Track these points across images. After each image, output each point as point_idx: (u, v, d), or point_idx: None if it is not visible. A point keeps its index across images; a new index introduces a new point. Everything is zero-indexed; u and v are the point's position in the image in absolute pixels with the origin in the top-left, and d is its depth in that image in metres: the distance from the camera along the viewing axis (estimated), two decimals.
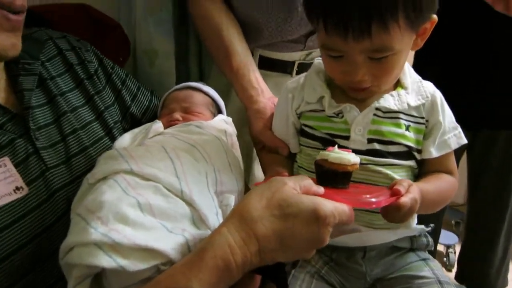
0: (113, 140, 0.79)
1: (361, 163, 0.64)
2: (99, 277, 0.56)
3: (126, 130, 0.83)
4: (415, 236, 0.77)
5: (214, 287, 0.49)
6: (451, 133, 0.74)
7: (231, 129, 0.83)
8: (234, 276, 0.51)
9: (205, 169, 0.68)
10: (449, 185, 0.74)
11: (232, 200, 0.69)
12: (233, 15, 0.97)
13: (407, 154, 0.72)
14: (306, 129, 0.76)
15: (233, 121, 0.86)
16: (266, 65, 1.04)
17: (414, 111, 0.73)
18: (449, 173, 0.75)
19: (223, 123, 0.83)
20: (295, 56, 1.05)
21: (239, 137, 0.85)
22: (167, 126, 0.80)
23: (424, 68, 0.91)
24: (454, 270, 1.91)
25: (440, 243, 1.93)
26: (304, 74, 0.80)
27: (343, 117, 0.72)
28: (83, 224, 0.56)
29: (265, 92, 0.89)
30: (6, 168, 0.62)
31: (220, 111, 0.91)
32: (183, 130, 0.76)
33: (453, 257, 2.03)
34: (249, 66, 0.91)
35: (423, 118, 0.73)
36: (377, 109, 0.71)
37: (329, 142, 0.72)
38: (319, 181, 0.61)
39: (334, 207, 0.54)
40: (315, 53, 1.06)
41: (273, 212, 0.53)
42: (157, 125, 0.78)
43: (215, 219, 0.63)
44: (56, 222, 0.65)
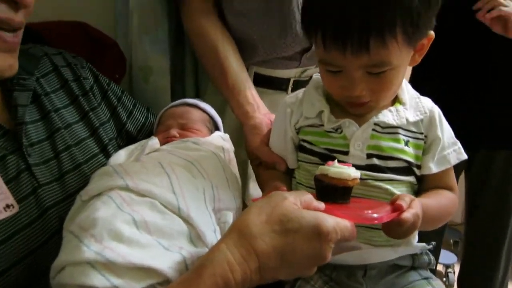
0: (108, 157, 0.77)
1: (360, 178, 0.63)
2: None
3: (121, 147, 0.82)
4: (416, 254, 0.75)
5: None
6: (451, 148, 0.73)
7: (229, 146, 0.82)
8: None
9: (203, 185, 0.67)
10: (450, 201, 0.73)
11: (230, 217, 0.68)
12: (228, 32, 0.98)
13: (407, 169, 0.71)
14: (304, 144, 0.75)
15: None
16: (261, 82, 1.04)
17: (412, 127, 0.72)
18: (449, 189, 0.74)
19: (221, 139, 0.82)
20: (290, 73, 1.06)
21: (235, 155, 0.84)
22: (163, 142, 0.79)
23: (422, 83, 0.91)
24: None
25: (439, 263, 1.91)
26: (302, 89, 0.80)
27: (342, 132, 0.72)
28: (75, 242, 0.55)
29: (261, 108, 0.89)
30: None
31: (217, 128, 0.91)
32: (180, 146, 0.75)
33: (453, 277, 2.01)
34: (244, 82, 0.91)
35: (421, 133, 0.73)
36: (376, 124, 0.71)
37: (328, 157, 0.71)
38: (319, 197, 0.60)
39: (336, 222, 0.53)
40: (311, 70, 1.06)
41: (274, 227, 0.51)
42: (153, 141, 0.78)
43: (213, 236, 0.61)
44: (49, 239, 0.64)
